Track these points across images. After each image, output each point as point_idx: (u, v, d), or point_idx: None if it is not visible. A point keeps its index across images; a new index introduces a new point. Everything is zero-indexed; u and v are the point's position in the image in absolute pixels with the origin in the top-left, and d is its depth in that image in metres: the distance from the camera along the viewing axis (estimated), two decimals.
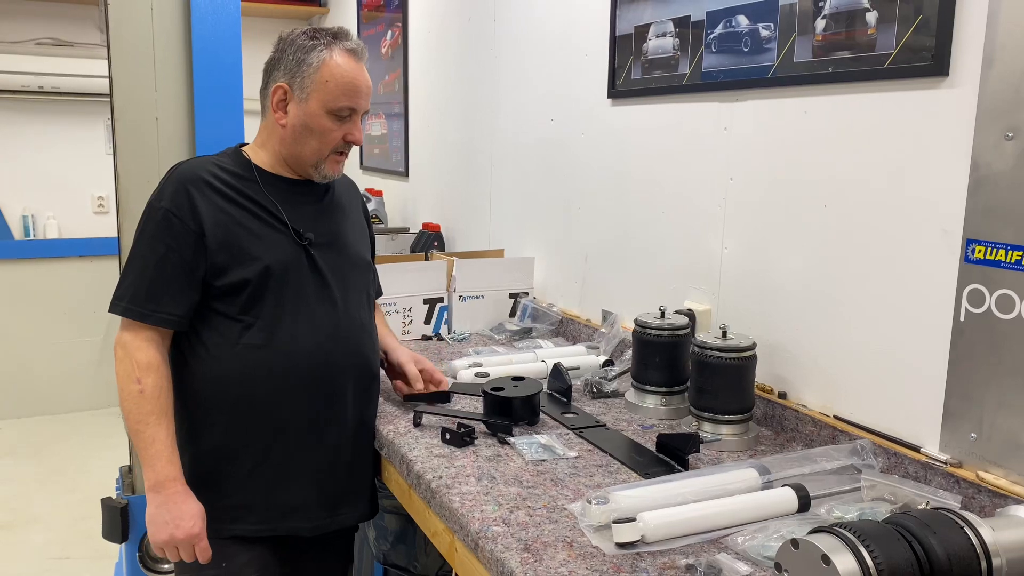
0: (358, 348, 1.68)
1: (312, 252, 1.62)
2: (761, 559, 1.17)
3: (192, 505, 1.53)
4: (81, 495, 3.79)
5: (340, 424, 1.65)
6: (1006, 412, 1.30)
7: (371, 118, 4.20)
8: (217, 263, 1.55)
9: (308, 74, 1.57)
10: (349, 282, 1.69)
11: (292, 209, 1.63)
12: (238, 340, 1.57)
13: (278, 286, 1.58)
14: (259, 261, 1.56)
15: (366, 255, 1.78)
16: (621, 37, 2.16)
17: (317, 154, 1.62)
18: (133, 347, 1.53)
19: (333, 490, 1.67)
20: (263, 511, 1.61)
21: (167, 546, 1.52)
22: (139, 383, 1.51)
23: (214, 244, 1.54)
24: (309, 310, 1.60)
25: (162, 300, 1.53)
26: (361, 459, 1.72)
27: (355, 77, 1.59)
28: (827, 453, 1.48)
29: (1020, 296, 1.26)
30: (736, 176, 1.82)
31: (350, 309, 1.67)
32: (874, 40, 1.48)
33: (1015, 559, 1.08)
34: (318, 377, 1.61)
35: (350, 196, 1.82)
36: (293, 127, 1.60)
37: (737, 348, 1.61)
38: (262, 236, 1.58)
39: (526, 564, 1.15)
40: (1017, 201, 1.26)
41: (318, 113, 1.58)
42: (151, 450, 1.51)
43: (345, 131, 1.61)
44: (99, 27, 4.69)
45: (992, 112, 1.29)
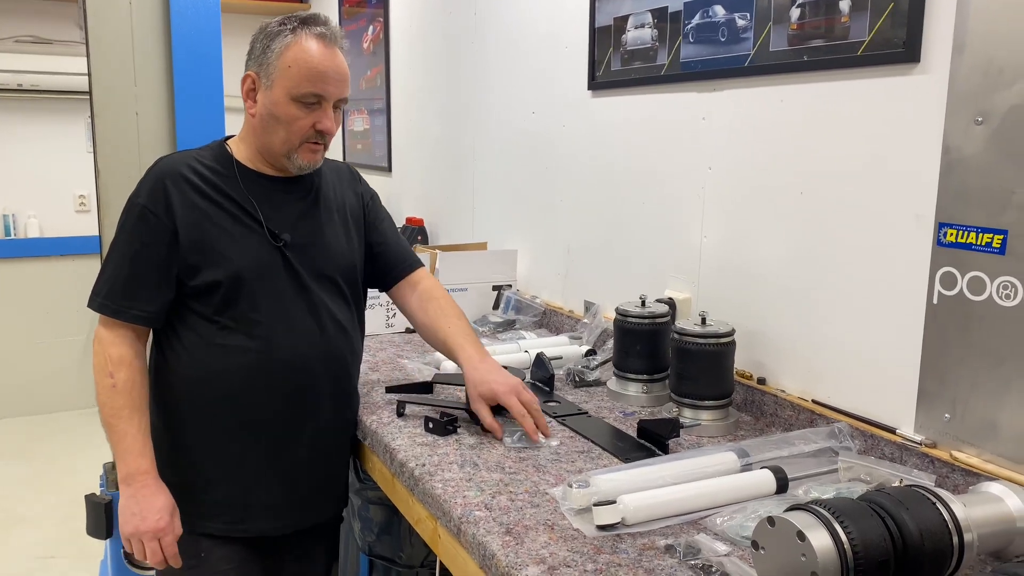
0: (336, 352, 1.65)
1: (288, 254, 1.59)
2: (739, 539, 1.19)
3: (161, 499, 1.51)
4: (66, 495, 3.77)
5: (316, 427, 1.64)
6: (978, 392, 1.32)
7: (353, 113, 4.20)
8: (189, 262, 1.53)
9: (272, 60, 1.52)
10: (330, 283, 1.66)
11: (272, 207, 1.60)
12: (214, 340, 1.56)
13: (252, 289, 1.55)
14: (231, 263, 1.54)
15: (351, 256, 1.71)
16: (600, 29, 2.18)
17: (287, 144, 1.56)
18: (107, 342, 1.53)
19: (306, 490, 1.65)
20: (237, 511, 1.60)
21: (132, 539, 1.51)
22: (111, 377, 1.51)
23: (187, 242, 1.52)
24: (285, 312, 1.58)
25: (136, 297, 1.52)
26: (336, 459, 1.71)
27: (320, 62, 1.52)
28: (805, 436, 1.50)
29: (990, 278, 1.28)
30: (715, 165, 1.84)
31: (329, 311, 1.64)
32: (847, 28, 1.50)
33: (986, 534, 1.11)
34: (294, 380, 1.59)
35: (342, 189, 1.76)
36: (261, 117, 1.56)
37: (716, 335, 1.63)
38: (236, 237, 1.55)
39: (507, 547, 1.17)
40: (987, 184, 1.28)
41: (283, 101, 1.52)
42: (123, 444, 1.51)
43: (315, 119, 1.54)
44: (78, 24, 4.66)
45: (962, 97, 1.31)
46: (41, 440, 4.50)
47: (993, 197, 1.27)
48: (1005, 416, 1.28)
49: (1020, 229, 1.24)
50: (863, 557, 1.00)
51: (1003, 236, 1.26)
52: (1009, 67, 1.24)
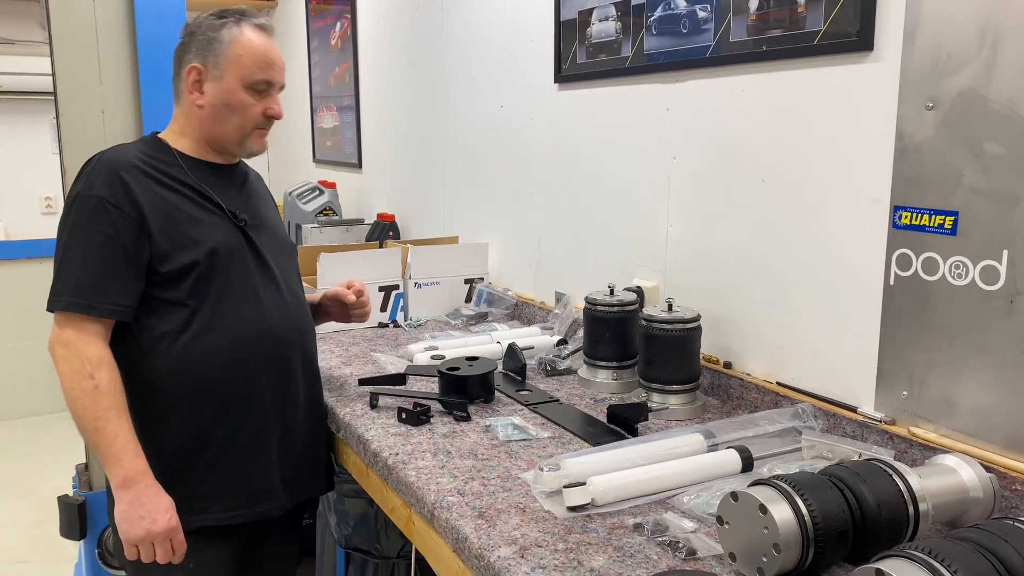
0: (301, 326, 1.70)
1: (250, 234, 1.63)
2: (706, 516, 1.22)
3: (165, 498, 1.49)
4: (36, 500, 3.73)
5: (295, 403, 1.66)
6: (934, 370, 1.36)
7: (322, 110, 4.19)
8: (161, 249, 1.52)
9: (221, 51, 1.56)
10: (287, 262, 1.72)
11: (220, 192, 1.63)
12: (187, 326, 1.54)
13: (224, 268, 1.57)
14: (204, 244, 1.55)
15: (290, 238, 1.80)
16: (565, 22, 2.20)
17: (240, 131, 1.61)
18: (80, 343, 1.47)
19: (294, 469, 1.67)
20: (230, 498, 1.59)
21: (143, 543, 1.46)
22: (93, 379, 1.45)
23: (155, 230, 1.51)
24: (253, 290, 1.60)
25: (108, 291, 1.48)
26: (316, 435, 1.74)
27: (268, 50, 1.60)
28: (770, 417, 1.54)
29: (943, 258, 1.32)
30: (679, 155, 1.87)
31: (290, 287, 1.69)
32: (804, 18, 1.53)
33: (941, 504, 1.15)
34: (270, 357, 1.60)
35: (259, 183, 1.83)
36: (212, 107, 1.59)
37: (682, 320, 1.67)
38: (201, 220, 1.57)
39: (480, 530, 1.19)
40: (938, 168, 1.32)
41: (235, 89, 1.57)
42: (115, 447, 1.45)
43: (265, 106, 1.61)
44: (41, 24, 4.59)
45: (913, 84, 1.35)
46: (9, 446, 4.44)
47: (944, 180, 1.31)
48: (960, 392, 1.33)
49: (970, 211, 1.28)
50: (823, 528, 1.03)
51: (954, 218, 1.30)
52: (957, 54, 1.28)
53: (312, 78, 4.29)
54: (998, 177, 1.24)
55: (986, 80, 1.25)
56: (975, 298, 1.29)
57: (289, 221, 3.59)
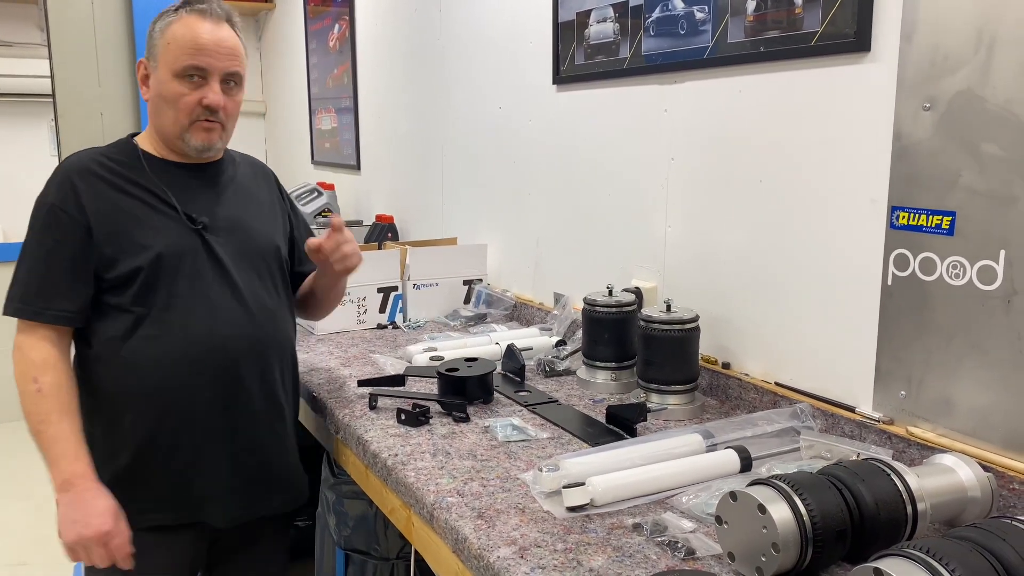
0: (263, 334, 1.61)
1: (207, 237, 1.57)
2: (704, 516, 1.23)
3: (103, 501, 1.46)
4: (36, 502, 3.73)
5: (248, 412, 1.60)
6: (932, 370, 1.37)
7: (321, 112, 4.19)
8: (106, 254, 1.50)
9: (155, 41, 1.53)
10: (251, 266, 1.63)
11: (185, 194, 1.58)
12: (133, 332, 1.51)
13: (171, 274, 1.52)
14: (150, 249, 1.51)
15: (274, 239, 1.70)
16: (563, 24, 2.20)
17: (176, 124, 1.54)
18: (28, 347, 1.48)
19: (249, 478, 1.61)
20: (176, 502, 1.56)
21: (77, 547, 1.44)
22: (36, 382, 1.46)
23: (101, 235, 1.49)
24: (206, 297, 1.55)
25: (54, 297, 1.48)
26: (278, 446, 1.66)
27: (197, 35, 1.51)
28: (768, 417, 1.54)
29: (940, 258, 1.33)
30: (677, 156, 1.88)
31: (253, 294, 1.61)
32: (801, 19, 1.54)
33: (939, 503, 1.16)
34: (218, 365, 1.54)
35: (258, 179, 1.77)
36: (152, 100, 1.56)
37: (681, 320, 1.67)
38: (152, 224, 1.53)
39: (480, 530, 1.19)
40: (935, 168, 1.33)
41: (167, 79, 1.52)
42: (55, 449, 1.46)
43: (201, 95, 1.52)
44: (39, 26, 4.60)
45: (911, 85, 1.36)
46: (10, 447, 4.44)
47: (941, 180, 1.32)
48: (957, 392, 1.33)
49: (967, 211, 1.29)
50: (821, 527, 1.04)
51: (951, 218, 1.30)
52: (954, 55, 1.29)
53: (310, 80, 4.30)
54: (995, 177, 1.25)
55: (983, 81, 1.25)
56: (972, 298, 1.29)
57: None
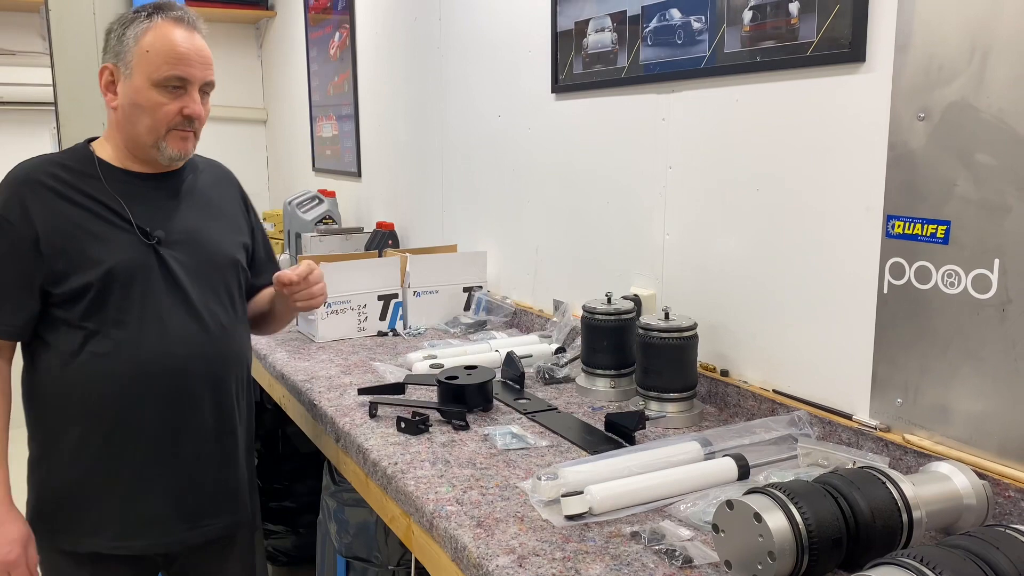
0: (217, 352, 1.58)
1: (161, 252, 1.52)
2: (702, 524, 1.23)
3: (12, 529, 1.43)
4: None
5: (198, 433, 1.57)
6: (928, 377, 1.38)
7: (321, 119, 4.21)
8: (55, 269, 1.46)
9: (129, 48, 1.48)
10: (209, 283, 1.59)
11: (141, 205, 1.53)
12: (82, 348, 1.48)
13: (123, 289, 1.48)
14: (101, 264, 1.47)
15: (233, 252, 1.66)
16: (562, 33, 2.22)
17: (153, 133, 1.51)
18: None
19: (195, 502, 1.58)
20: (119, 526, 1.53)
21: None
22: None
23: (50, 250, 1.45)
24: (158, 314, 1.51)
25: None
26: (228, 468, 1.63)
27: (179, 44, 1.48)
28: (766, 424, 1.55)
29: (936, 267, 1.34)
30: (675, 165, 1.89)
31: (209, 310, 1.57)
32: (797, 30, 1.55)
33: (934, 511, 1.16)
34: (169, 384, 1.51)
35: (220, 188, 1.72)
36: (123, 108, 1.51)
37: (679, 328, 1.68)
38: (104, 237, 1.49)
39: (479, 539, 1.20)
40: (930, 177, 1.34)
41: (144, 87, 1.48)
42: None
43: (181, 104, 1.50)
44: (41, 35, 4.62)
45: (905, 95, 1.37)
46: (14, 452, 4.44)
47: (936, 190, 1.33)
48: (953, 399, 1.34)
49: (962, 220, 1.30)
50: (817, 535, 1.05)
51: (946, 227, 1.31)
52: (948, 65, 1.30)
53: (311, 87, 4.31)
54: (989, 187, 1.26)
55: (976, 91, 1.26)
56: (967, 306, 1.30)
57: (288, 230, 3.61)
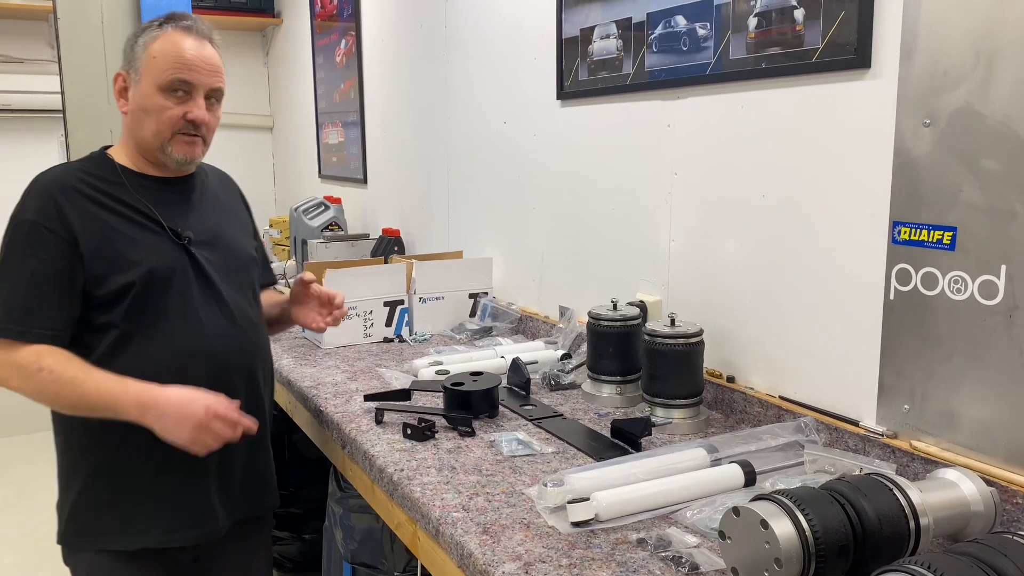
0: (248, 345, 1.63)
1: (193, 252, 1.57)
2: (709, 531, 1.23)
3: (178, 392, 1.43)
4: (46, 514, 3.73)
5: None
6: (935, 384, 1.37)
7: (327, 126, 4.22)
8: (95, 272, 1.48)
9: (139, 55, 1.54)
10: (235, 280, 1.64)
11: (165, 208, 1.58)
12: (124, 348, 1.50)
13: (161, 290, 1.52)
14: (140, 265, 1.50)
15: (250, 250, 1.73)
16: (567, 40, 2.22)
17: (158, 136, 1.55)
18: (14, 356, 1.45)
19: (233, 489, 1.63)
20: (170, 520, 1.56)
21: (199, 439, 1.42)
22: (41, 370, 1.43)
23: (89, 253, 1.48)
24: (194, 310, 1.55)
25: (39, 316, 1.46)
26: (258, 454, 1.69)
27: (184, 50, 1.53)
28: (772, 431, 1.55)
29: (942, 273, 1.34)
30: (680, 171, 1.89)
31: (238, 306, 1.62)
32: (802, 36, 1.55)
33: (942, 518, 1.16)
34: (209, 376, 1.53)
35: (227, 191, 1.78)
36: (133, 112, 1.57)
37: (685, 335, 1.68)
38: (139, 240, 1.53)
39: (485, 545, 1.20)
40: (936, 184, 1.34)
41: (150, 92, 1.53)
42: (106, 397, 1.42)
43: (185, 109, 1.54)
44: (49, 43, 4.65)
45: (911, 101, 1.37)
46: (22, 461, 4.46)
47: (942, 196, 1.33)
48: (960, 406, 1.34)
49: (968, 226, 1.29)
50: (824, 543, 1.04)
51: (952, 233, 1.31)
52: (953, 71, 1.30)
53: (317, 95, 4.33)
54: (995, 193, 1.26)
55: (982, 97, 1.26)
56: (974, 313, 1.30)
57: (295, 236, 3.62)
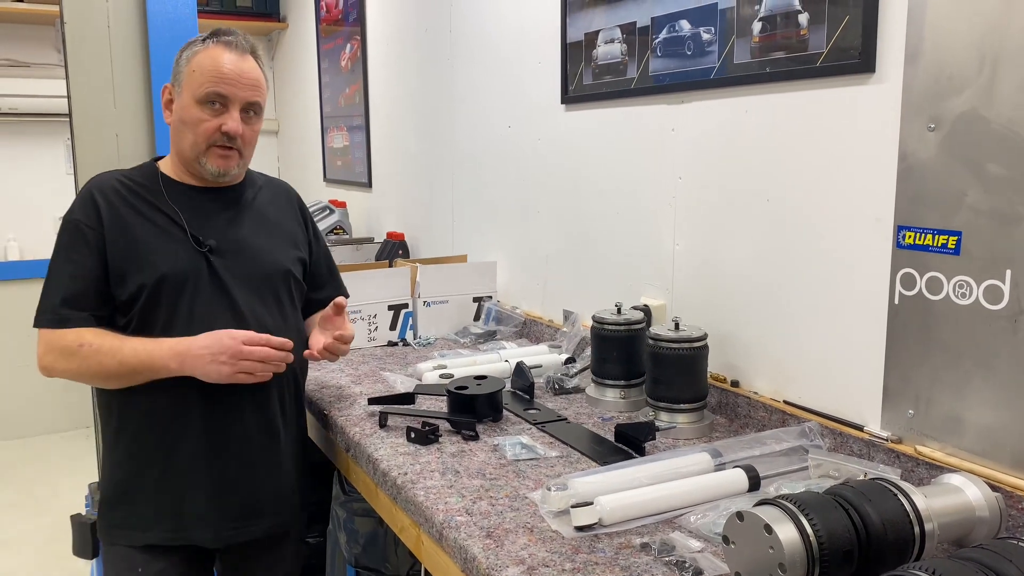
0: None
1: (212, 259, 1.62)
2: (712, 535, 1.23)
3: (205, 337, 1.53)
4: (50, 518, 3.75)
5: (241, 434, 1.64)
6: (939, 389, 1.37)
7: (333, 130, 4.23)
8: (116, 272, 1.57)
9: (182, 69, 1.61)
10: (257, 290, 1.67)
11: (197, 216, 1.64)
12: None
13: (173, 294, 1.58)
14: (156, 269, 1.57)
15: (284, 263, 1.74)
16: (572, 44, 2.23)
17: (195, 148, 1.62)
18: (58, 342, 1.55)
19: (240, 500, 1.65)
20: (171, 521, 1.61)
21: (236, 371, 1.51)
22: (83, 345, 1.52)
23: (113, 250, 1.57)
24: (203, 319, 1.59)
25: (77, 306, 1.56)
26: (272, 472, 1.70)
27: (222, 64, 1.59)
28: (777, 436, 1.54)
29: (947, 277, 1.33)
30: (684, 175, 1.89)
31: (255, 316, 1.65)
32: (806, 40, 1.55)
33: (947, 523, 1.15)
34: (210, 390, 1.58)
35: (279, 203, 1.81)
36: (174, 124, 1.65)
37: (689, 339, 1.68)
38: (160, 244, 1.60)
39: (488, 550, 1.20)
40: (941, 188, 1.33)
41: (189, 104, 1.60)
42: (145, 358, 1.52)
43: (220, 122, 1.59)
44: (56, 47, 4.67)
45: (915, 105, 1.37)
46: (23, 464, 4.47)
47: (947, 200, 1.32)
48: (965, 410, 1.33)
49: (973, 230, 1.29)
50: (828, 548, 1.04)
51: (957, 237, 1.31)
52: (958, 75, 1.30)
53: (323, 99, 4.34)
54: (1000, 197, 1.25)
55: (987, 101, 1.26)
56: (979, 317, 1.29)
57: None
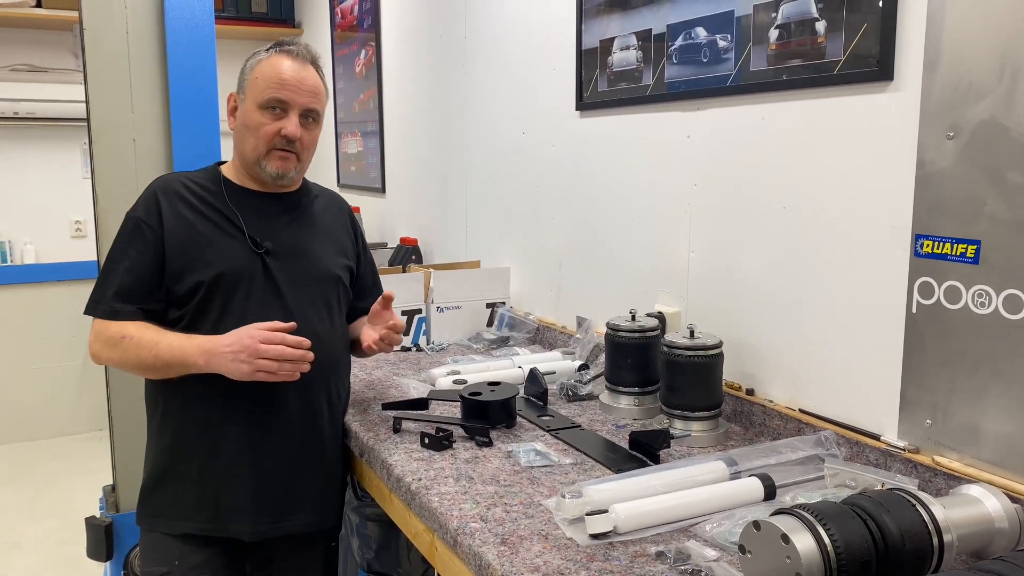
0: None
1: (267, 260, 1.68)
2: (728, 544, 1.22)
3: (229, 335, 1.56)
4: (63, 520, 3.77)
5: (284, 430, 1.68)
6: (957, 398, 1.36)
7: (347, 136, 4.25)
8: (174, 269, 1.63)
9: (246, 77, 1.70)
10: (308, 293, 1.73)
11: (255, 219, 1.70)
12: None
13: (228, 291, 1.64)
14: (212, 267, 1.63)
15: (334, 269, 1.79)
16: (587, 51, 2.23)
17: (256, 151, 1.68)
18: (105, 332, 1.61)
19: (277, 496, 1.68)
20: (210, 511, 1.65)
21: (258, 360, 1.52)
22: (124, 338, 1.58)
23: (172, 250, 1.63)
24: (255, 316, 1.62)
25: (129, 300, 1.62)
26: (311, 466, 1.73)
27: (283, 71, 1.66)
28: (792, 444, 1.53)
29: (966, 287, 1.32)
30: (700, 182, 1.89)
31: (304, 317, 1.68)
32: (824, 48, 1.55)
33: (966, 535, 1.14)
34: (254, 386, 1.60)
35: (331, 212, 1.87)
36: (237, 129, 1.72)
37: (704, 347, 1.67)
38: (218, 244, 1.66)
39: (503, 557, 1.20)
40: (959, 196, 1.33)
41: (252, 109, 1.67)
42: (178, 354, 1.57)
43: (280, 126, 1.66)
44: (74, 52, 4.71)
45: (934, 113, 1.36)
46: (37, 466, 4.50)
47: (965, 209, 1.31)
48: (983, 420, 1.32)
49: (992, 239, 1.28)
50: (845, 558, 1.03)
51: (976, 246, 1.30)
52: (977, 83, 1.29)
53: (337, 104, 4.36)
54: (1020, 206, 1.24)
55: (1007, 109, 1.25)
56: (998, 327, 1.28)
57: None
